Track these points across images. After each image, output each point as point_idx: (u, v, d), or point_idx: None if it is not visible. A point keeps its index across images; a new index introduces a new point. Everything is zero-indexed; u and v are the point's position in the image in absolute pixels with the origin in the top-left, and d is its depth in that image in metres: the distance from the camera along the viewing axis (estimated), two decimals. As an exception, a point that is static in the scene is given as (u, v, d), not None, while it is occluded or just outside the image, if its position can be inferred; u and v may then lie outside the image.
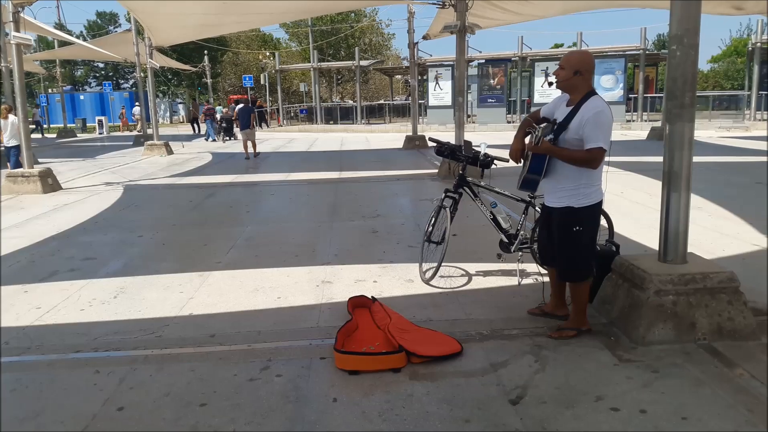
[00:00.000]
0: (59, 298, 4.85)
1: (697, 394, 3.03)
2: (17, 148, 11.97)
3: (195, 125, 31.89)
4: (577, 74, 3.51)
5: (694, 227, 4.39)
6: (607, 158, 3.56)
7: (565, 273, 3.82)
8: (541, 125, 3.66)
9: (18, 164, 12.24)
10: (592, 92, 3.55)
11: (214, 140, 24.71)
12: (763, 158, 13.49)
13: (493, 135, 20.18)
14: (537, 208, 4.86)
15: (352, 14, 45.99)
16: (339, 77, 49.77)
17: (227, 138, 24.96)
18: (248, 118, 16.51)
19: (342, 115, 33.66)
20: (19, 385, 3.35)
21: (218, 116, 25.68)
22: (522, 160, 3.81)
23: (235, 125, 24.97)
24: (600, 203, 3.67)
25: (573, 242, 3.65)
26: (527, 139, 3.80)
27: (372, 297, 4.44)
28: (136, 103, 32.25)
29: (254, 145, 16.63)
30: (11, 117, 12.13)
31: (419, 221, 7.20)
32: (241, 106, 17.94)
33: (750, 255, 5.66)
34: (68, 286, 5.17)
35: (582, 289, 3.79)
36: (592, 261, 3.81)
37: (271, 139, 23.83)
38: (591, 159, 3.45)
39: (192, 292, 4.92)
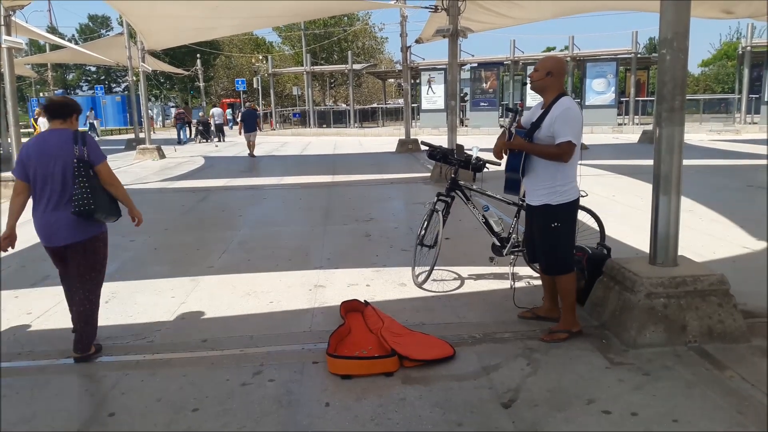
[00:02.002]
0: (50, 303, 4.82)
1: (688, 396, 3.05)
2: None
3: (188, 129, 31.95)
4: (549, 75, 3.69)
5: (685, 230, 4.41)
6: (580, 160, 3.77)
7: (547, 267, 3.94)
8: (509, 116, 3.95)
9: None
10: (563, 93, 3.73)
11: (184, 143, 25.08)
12: (753, 161, 13.59)
13: (485, 138, 20.25)
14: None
15: (345, 18, 46.04)
16: (332, 81, 49.78)
17: (203, 140, 25.88)
18: (253, 121, 18.38)
19: (335, 119, 33.62)
20: (10, 390, 3.33)
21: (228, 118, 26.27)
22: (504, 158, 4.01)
23: (213, 128, 26.37)
24: (577, 201, 3.80)
25: (551, 237, 3.79)
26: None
27: (365, 301, 4.44)
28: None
29: (253, 146, 18.19)
30: None
31: (412, 225, 7.21)
32: (218, 110, 18.90)
33: (740, 258, 5.70)
34: (59, 292, 5.07)
35: (568, 286, 3.84)
36: (571, 254, 3.93)
37: (263, 142, 23.76)
38: (561, 153, 3.60)
39: (184, 297, 4.90)
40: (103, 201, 3.60)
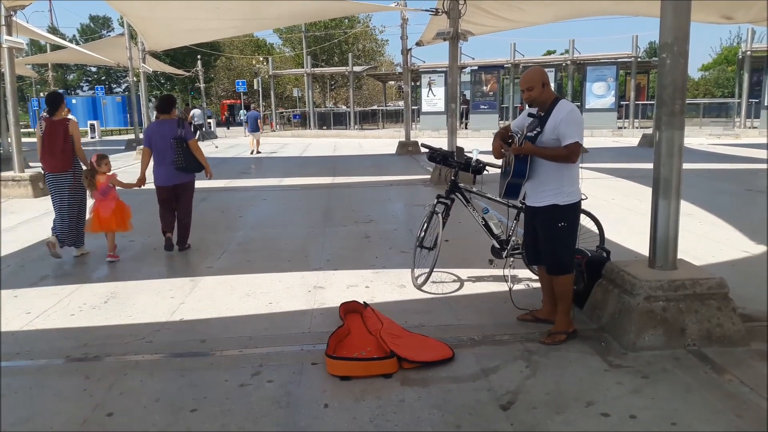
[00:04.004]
0: (49, 302, 4.82)
1: (686, 399, 3.05)
2: None
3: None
4: (544, 86, 3.77)
5: (684, 234, 4.42)
6: (581, 163, 3.84)
7: (551, 267, 3.95)
8: (528, 121, 3.90)
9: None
10: (558, 98, 3.80)
11: None
12: (753, 165, 13.61)
13: (485, 141, 20.25)
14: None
15: (346, 20, 46.11)
16: (332, 83, 49.85)
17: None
18: (256, 122, 20.64)
19: (335, 121, 33.63)
20: (8, 390, 3.33)
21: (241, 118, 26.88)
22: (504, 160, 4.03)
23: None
24: (580, 203, 3.86)
25: (556, 237, 3.83)
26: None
27: (364, 302, 4.44)
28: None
29: (258, 143, 20.59)
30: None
31: (412, 227, 7.21)
32: (198, 111, 23.47)
33: (739, 261, 5.70)
34: (58, 291, 5.13)
35: (567, 287, 3.88)
36: (573, 254, 3.99)
37: (264, 144, 23.75)
38: (569, 153, 3.68)
39: (183, 297, 4.90)
40: (190, 162, 6.21)
